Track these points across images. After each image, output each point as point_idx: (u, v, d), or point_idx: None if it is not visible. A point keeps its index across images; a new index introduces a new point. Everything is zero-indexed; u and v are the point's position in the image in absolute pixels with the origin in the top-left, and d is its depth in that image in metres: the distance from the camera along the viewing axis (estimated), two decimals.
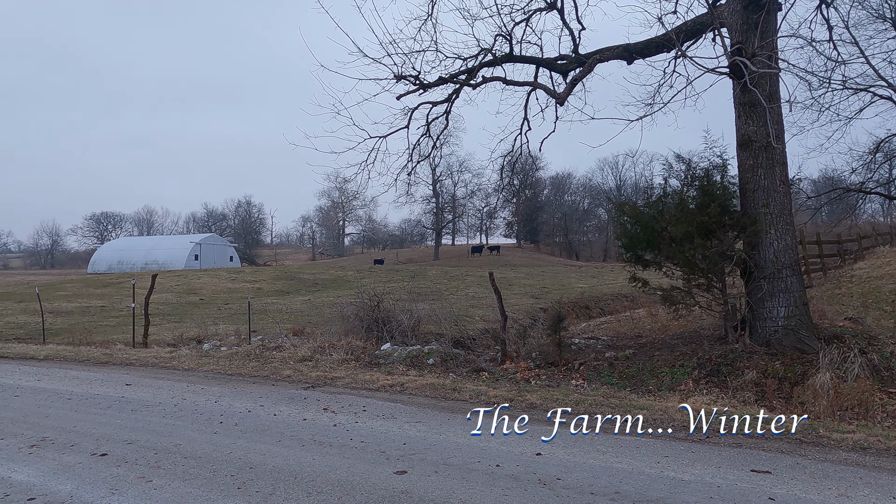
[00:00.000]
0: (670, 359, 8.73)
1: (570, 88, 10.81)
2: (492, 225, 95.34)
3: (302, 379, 8.85)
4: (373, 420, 6.43)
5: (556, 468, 4.75)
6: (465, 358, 9.96)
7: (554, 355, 9.72)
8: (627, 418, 6.28)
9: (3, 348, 12.91)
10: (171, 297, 24.88)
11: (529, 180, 71.31)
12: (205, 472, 4.77)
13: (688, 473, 4.61)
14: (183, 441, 5.66)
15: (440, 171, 75.16)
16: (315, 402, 7.37)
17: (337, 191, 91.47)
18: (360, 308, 12.19)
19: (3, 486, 4.54)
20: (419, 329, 12.04)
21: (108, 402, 7.51)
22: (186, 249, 66.10)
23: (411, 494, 4.21)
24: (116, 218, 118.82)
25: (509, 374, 9.06)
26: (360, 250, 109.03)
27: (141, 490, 4.39)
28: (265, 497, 4.22)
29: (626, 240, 9.82)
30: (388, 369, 9.34)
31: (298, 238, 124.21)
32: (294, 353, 10.49)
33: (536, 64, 11.83)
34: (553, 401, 7.09)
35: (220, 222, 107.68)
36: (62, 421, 6.54)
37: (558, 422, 6.22)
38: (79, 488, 4.46)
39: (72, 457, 5.24)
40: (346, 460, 5.02)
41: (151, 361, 10.64)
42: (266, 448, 5.41)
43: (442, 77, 11.56)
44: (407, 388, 7.99)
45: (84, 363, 10.90)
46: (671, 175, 10.17)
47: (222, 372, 9.60)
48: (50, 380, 9.19)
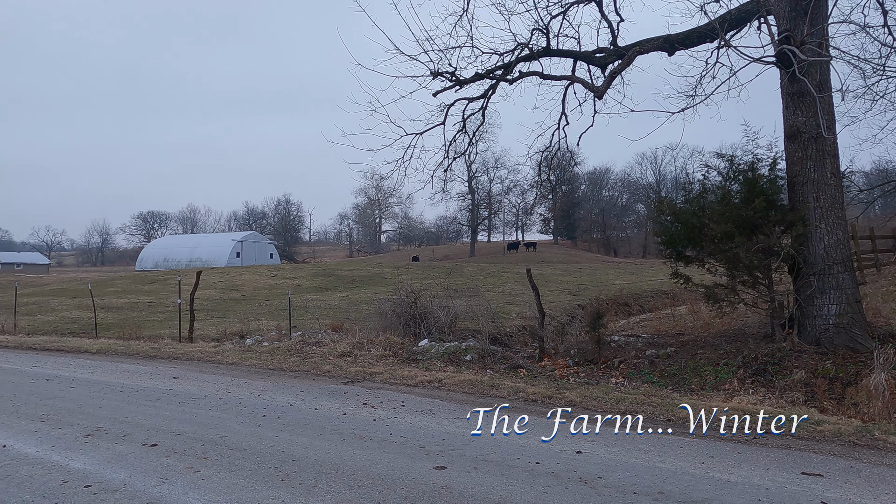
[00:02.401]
0: (714, 357, 8.51)
1: (609, 81, 10.63)
2: (528, 221, 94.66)
3: (341, 374, 8.98)
4: (412, 415, 6.48)
5: (596, 466, 4.70)
6: (503, 355, 9.93)
7: (593, 353, 9.61)
8: (671, 418, 6.16)
9: (59, 342, 13.51)
10: (214, 294, 25.57)
11: (566, 176, 70.48)
12: (250, 463, 4.90)
13: (734, 475, 4.49)
14: (228, 433, 5.82)
15: (476, 168, 75.06)
16: (355, 396, 7.47)
17: (373, 188, 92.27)
18: (397, 304, 12.29)
19: (61, 473, 4.75)
20: (456, 325, 12.07)
21: (157, 394, 7.77)
22: (228, 247, 67.85)
23: (451, 490, 4.23)
24: (162, 217, 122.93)
25: (547, 371, 9.00)
26: (396, 247, 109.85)
27: (189, 480, 4.53)
28: (308, 489, 4.30)
29: (666, 236, 9.61)
30: (425, 365, 9.39)
31: (336, 235, 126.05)
32: (333, 348, 10.65)
33: (574, 57, 11.67)
34: (593, 398, 7.00)
35: (260, 220, 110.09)
36: (115, 412, 6.81)
37: (601, 420, 6.14)
38: (131, 477, 4.63)
39: (124, 446, 5.44)
40: (386, 454, 5.07)
41: (197, 356, 10.96)
42: (308, 441, 5.51)
43: (478, 73, 11.54)
44: (445, 385, 8.01)
45: (134, 357, 11.31)
46: (713, 169, 9.90)
47: (264, 366, 9.82)
48: (103, 372, 9.57)
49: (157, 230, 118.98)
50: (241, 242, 69.76)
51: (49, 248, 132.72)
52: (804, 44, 7.72)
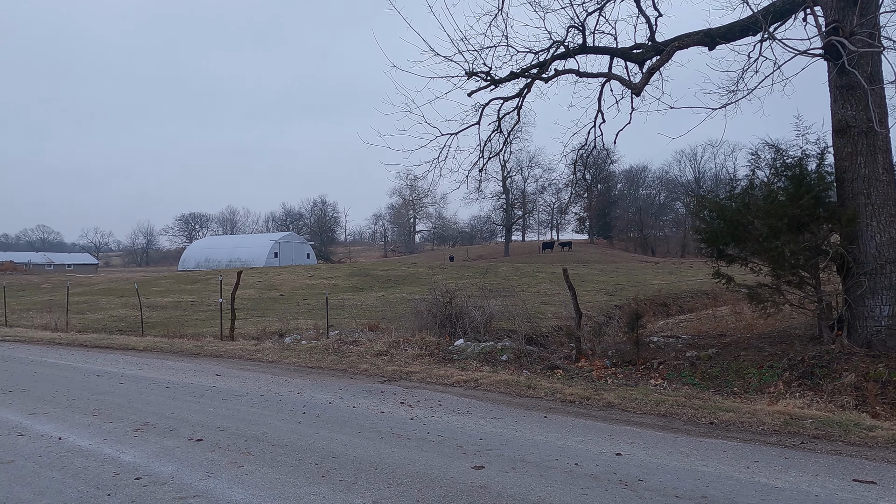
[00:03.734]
0: (758, 359, 8.28)
1: (647, 78, 10.46)
2: (563, 220, 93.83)
3: (378, 373, 9.07)
4: (448, 415, 6.50)
5: (637, 469, 4.63)
6: (539, 355, 9.87)
7: (631, 354, 9.46)
8: (713, 421, 6.03)
9: (108, 339, 14.03)
10: (253, 293, 26.14)
11: (602, 174, 69.59)
12: (291, 459, 5.00)
13: (781, 480, 4.37)
14: (270, 430, 5.95)
15: (510, 167, 74.76)
16: (392, 395, 7.54)
17: (408, 188, 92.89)
18: (432, 304, 12.34)
19: (113, 466, 4.94)
20: (491, 325, 12.05)
21: (200, 391, 8.00)
22: (267, 247, 69.25)
23: (489, 490, 4.23)
24: (203, 218, 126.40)
25: (584, 372, 8.90)
26: (430, 247, 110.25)
27: (234, 475, 4.66)
28: (348, 486, 4.36)
29: (707, 234, 9.38)
30: (461, 365, 9.40)
31: (371, 235, 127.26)
32: (370, 347, 10.76)
33: (611, 54, 11.52)
34: (631, 400, 6.90)
35: (297, 221, 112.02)
36: (161, 407, 7.04)
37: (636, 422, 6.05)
38: (178, 470, 4.78)
39: (171, 441, 5.62)
40: (424, 453, 5.11)
41: (238, 353, 11.23)
42: (347, 439, 5.59)
43: (513, 72, 11.49)
44: (481, 384, 8.01)
45: (178, 354, 11.66)
46: (758, 165, 9.63)
47: (303, 365, 9.99)
48: (149, 369, 9.90)
49: (199, 231, 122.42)
50: (279, 243, 71.12)
51: (97, 248, 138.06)
52: (853, 34, 7.43)
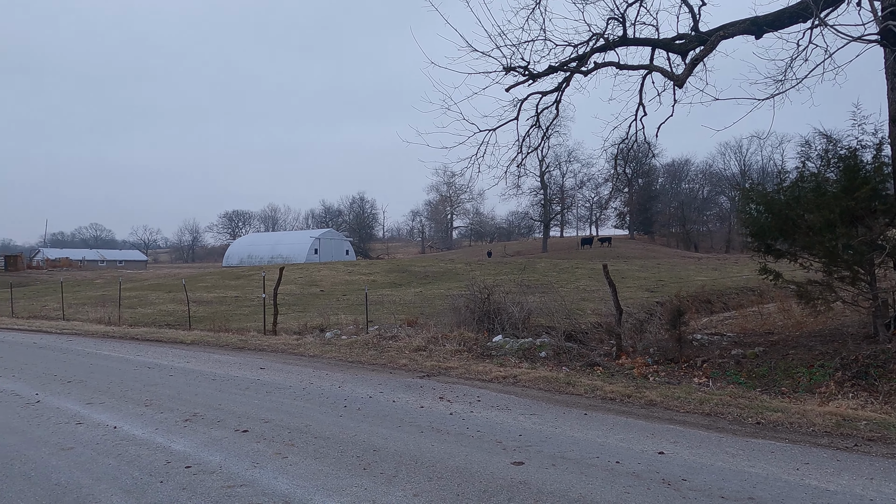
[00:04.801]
0: (808, 358, 8.00)
1: (690, 69, 10.20)
2: (602, 216, 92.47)
3: (417, 368, 9.15)
4: (487, 410, 6.51)
5: (680, 468, 4.55)
6: (579, 352, 9.78)
7: (673, 351, 9.27)
8: (760, 421, 5.86)
9: (158, 333, 14.56)
10: (294, 289, 26.68)
11: (643, 168, 68.22)
12: (333, 451, 5.10)
13: (833, 483, 4.22)
14: (312, 422, 6.08)
15: (548, 162, 74.00)
16: (431, 390, 7.59)
17: (445, 185, 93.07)
18: (470, 300, 12.36)
19: (164, 454, 5.14)
20: (529, 322, 11.99)
21: (245, 383, 8.23)
22: (307, 244, 70.51)
23: (529, 486, 4.23)
24: (246, 216, 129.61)
25: (625, 369, 8.77)
26: (467, 243, 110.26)
27: (278, 465, 4.78)
28: (389, 479, 4.43)
29: (754, 229, 9.10)
30: (500, 361, 9.40)
31: (408, 232, 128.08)
32: (409, 343, 10.86)
33: (652, 46, 11.28)
34: (674, 398, 6.77)
35: (336, 218, 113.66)
36: (209, 399, 7.27)
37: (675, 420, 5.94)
38: (226, 460, 4.94)
39: (219, 432, 5.81)
40: (464, 448, 5.14)
41: (281, 348, 11.50)
42: (387, 432, 5.66)
43: (552, 66, 11.37)
44: (520, 381, 8.00)
45: (224, 348, 12.01)
46: (808, 157, 9.27)
47: (343, 359, 10.16)
48: (197, 362, 10.23)
49: (242, 228, 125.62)
50: (319, 239, 72.31)
51: (146, 245, 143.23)
52: None
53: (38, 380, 8.82)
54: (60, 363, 10.42)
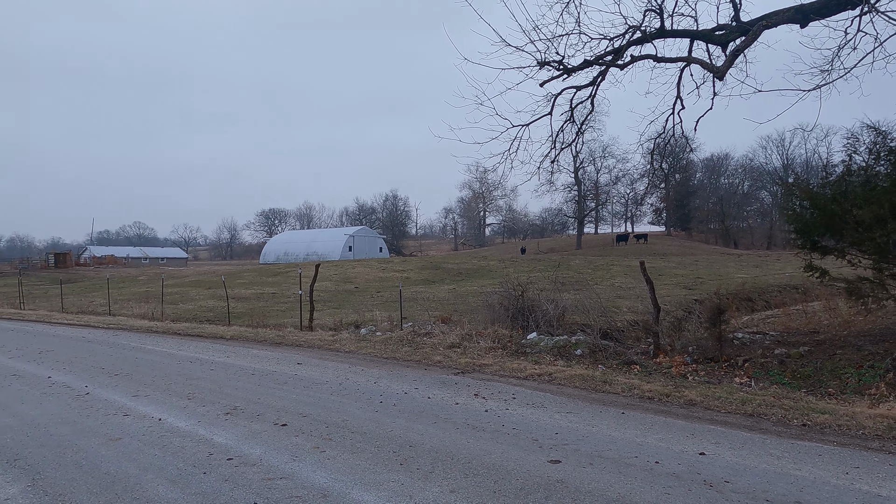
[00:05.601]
0: (856, 359, 7.71)
1: (731, 61, 9.94)
2: (638, 212, 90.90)
3: (451, 365, 9.17)
4: (523, 408, 6.49)
5: (722, 470, 4.44)
6: (615, 350, 9.64)
7: (713, 350, 9.06)
8: (806, 422, 5.68)
9: (199, 328, 14.95)
10: (329, 286, 27.04)
11: (681, 163, 66.74)
12: (370, 446, 5.15)
13: (885, 489, 4.06)
14: (349, 417, 6.15)
15: (582, 158, 73.15)
16: (465, 387, 7.60)
17: (478, 181, 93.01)
18: (504, 297, 12.31)
19: (207, 446, 5.28)
20: (564, 319, 11.88)
21: (283, 378, 8.39)
22: (341, 241, 71.37)
23: (566, 484, 4.20)
24: (281, 214, 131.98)
25: (663, 368, 8.62)
26: (500, 240, 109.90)
27: (317, 459, 4.86)
28: (425, 475, 4.45)
29: (798, 225, 8.80)
30: (534, 358, 9.34)
31: (441, 229, 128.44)
32: (443, 339, 10.89)
33: (691, 37, 11.02)
34: (715, 398, 6.62)
35: (369, 215, 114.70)
36: (248, 393, 7.44)
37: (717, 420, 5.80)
38: (266, 453, 5.05)
39: (258, 425, 5.94)
40: (500, 445, 5.13)
41: (317, 343, 11.67)
42: (423, 428, 5.69)
43: (587, 60, 11.22)
44: (555, 378, 7.93)
45: (262, 343, 12.26)
46: (856, 150, 8.92)
47: (378, 355, 10.25)
48: (236, 357, 10.47)
49: (278, 226, 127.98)
50: (353, 237, 73.12)
51: (186, 243, 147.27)
52: None
53: (87, 372, 9.17)
54: (108, 357, 10.80)
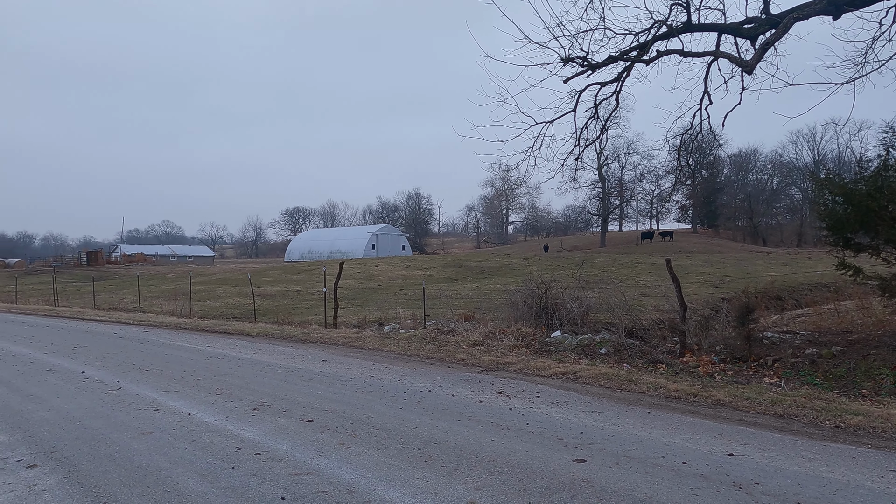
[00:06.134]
0: (891, 359, 7.50)
1: (761, 54, 9.74)
2: (663, 209, 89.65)
3: (475, 363, 9.17)
4: (547, 406, 6.46)
5: (752, 471, 4.37)
6: (640, 349, 9.54)
7: (742, 349, 8.90)
8: (839, 424, 5.55)
9: (226, 325, 15.19)
10: (353, 283, 27.23)
11: (708, 159, 65.61)
12: (395, 443, 5.19)
13: None
14: (374, 414, 6.20)
15: (606, 154, 72.42)
16: (489, 385, 7.60)
17: (500, 179, 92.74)
18: (528, 295, 12.26)
19: (235, 441, 5.37)
20: (588, 317, 11.79)
21: (309, 375, 8.48)
22: (365, 239, 71.81)
23: (592, 484, 4.17)
24: (305, 212, 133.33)
25: (690, 367, 8.49)
26: (523, 238, 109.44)
27: (342, 455, 4.91)
28: (450, 472, 4.46)
29: (831, 221, 8.60)
30: (558, 357, 9.29)
31: (463, 227, 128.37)
32: (466, 337, 10.89)
33: (719, 31, 10.82)
34: (743, 399, 6.51)
35: (392, 214, 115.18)
36: (275, 389, 7.54)
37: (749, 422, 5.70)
38: (293, 448, 5.12)
39: (285, 421, 6.02)
40: (524, 444, 5.11)
41: (341, 341, 11.78)
42: (447, 426, 5.71)
43: (611, 55, 11.10)
44: (580, 377, 7.88)
45: (287, 340, 12.41)
46: (892, 144, 8.67)
47: (402, 353, 10.30)
48: (262, 353, 10.62)
49: (302, 224, 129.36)
50: (376, 235, 73.51)
51: (213, 241, 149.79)
52: None
53: (119, 368, 9.39)
54: (138, 353, 11.05)
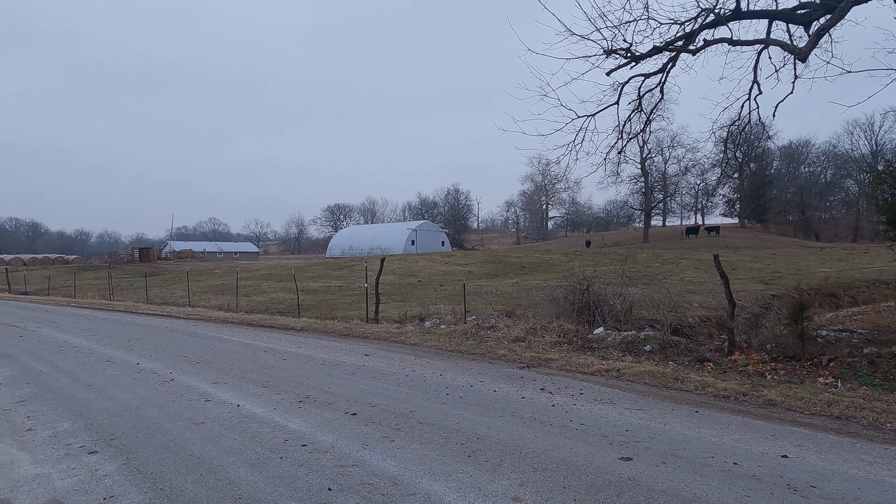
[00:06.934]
0: None
1: (815, 41, 9.33)
2: (709, 203, 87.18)
3: (516, 359, 9.13)
4: (591, 404, 6.38)
5: (807, 474, 4.21)
6: (686, 346, 9.31)
7: (794, 348, 8.59)
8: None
9: (271, 320, 15.57)
10: (393, 279, 27.49)
11: (756, 152, 63.34)
12: (438, 437, 5.22)
13: None
14: (416, 408, 6.25)
15: (650, 148, 70.81)
16: (531, 381, 7.55)
17: (540, 174, 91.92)
18: (569, 291, 12.13)
19: (282, 432, 5.50)
20: (632, 314, 11.59)
21: (352, 369, 8.61)
22: (404, 236, 72.33)
23: (639, 482, 4.10)
24: (346, 209, 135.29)
25: (739, 366, 8.25)
26: (563, 233, 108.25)
27: (386, 448, 4.97)
28: (493, 467, 4.46)
29: (891, 215, 8.22)
30: (601, 354, 9.16)
31: (503, 223, 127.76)
32: (507, 333, 10.85)
33: (770, 17, 10.43)
34: (797, 399, 6.28)
35: (431, 210, 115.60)
36: (319, 382, 7.69)
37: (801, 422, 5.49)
38: (338, 440, 5.21)
39: (330, 413, 6.13)
40: (568, 441, 5.07)
41: (383, 336, 11.91)
42: (490, 421, 5.71)
43: (656, 46, 10.83)
44: (624, 375, 7.75)
45: (330, 334, 12.63)
46: None
47: (443, 348, 10.34)
48: (307, 347, 10.84)
49: (343, 221, 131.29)
50: (416, 231, 73.93)
51: (257, 238, 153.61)
52: None
53: (171, 360, 9.74)
54: (189, 346, 11.44)
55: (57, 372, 8.98)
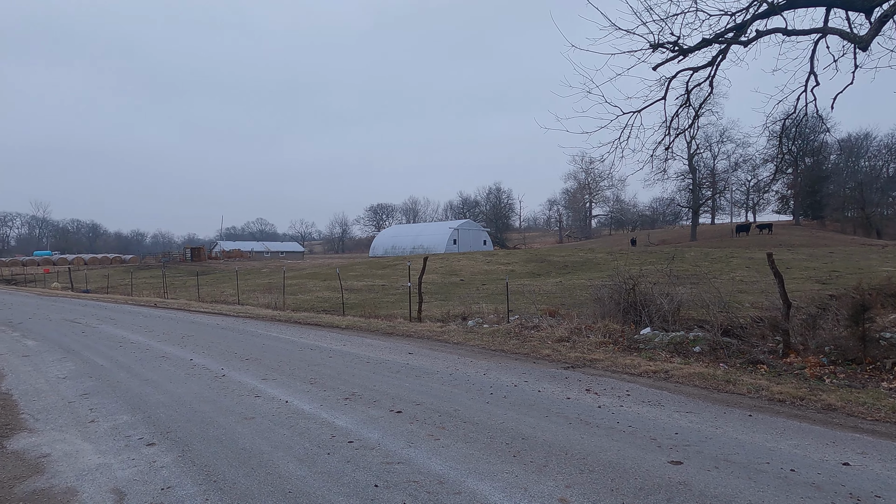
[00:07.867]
0: None
1: (877, 28, 8.90)
2: (761, 200, 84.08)
3: (560, 359, 9.03)
4: (638, 405, 6.25)
5: (872, 483, 4.02)
6: (738, 348, 9.01)
7: (855, 351, 8.20)
8: None
9: (316, 318, 15.87)
10: (436, 278, 27.60)
11: (812, 145, 60.71)
12: (482, 437, 5.22)
13: None
14: (461, 407, 6.26)
15: (698, 143, 68.85)
16: (576, 382, 7.46)
17: (583, 172, 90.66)
18: (614, 291, 11.92)
19: (329, 429, 5.60)
20: (680, 314, 11.29)
21: (396, 367, 8.70)
22: (446, 235, 72.55)
23: (690, 487, 4.00)
24: (389, 209, 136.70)
25: (794, 369, 7.93)
26: (607, 232, 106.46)
27: (431, 446, 5.00)
28: (539, 468, 4.43)
29: None
30: (648, 355, 8.97)
31: (545, 221, 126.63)
32: (551, 333, 10.75)
33: (827, 5, 9.99)
34: (858, 404, 6.00)
35: (473, 209, 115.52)
36: (364, 380, 7.79)
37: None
38: (383, 438, 5.27)
39: (375, 411, 6.21)
40: (615, 443, 4.98)
41: (426, 334, 11.97)
42: (534, 422, 5.67)
43: (705, 38, 10.52)
44: (672, 376, 7.57)
45: (374, 333, 12.78)
46: None
47: (486, 347, 10.33)
48: (351, 345, 11.01)
49: (385, 220, 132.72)
50: (458, 230, 74.05)
51: (302, 237, 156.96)
52: None
53: (222, 356, 10.06)
54: (238, 343, 11.78)
55: (116, 367, 9.40)
